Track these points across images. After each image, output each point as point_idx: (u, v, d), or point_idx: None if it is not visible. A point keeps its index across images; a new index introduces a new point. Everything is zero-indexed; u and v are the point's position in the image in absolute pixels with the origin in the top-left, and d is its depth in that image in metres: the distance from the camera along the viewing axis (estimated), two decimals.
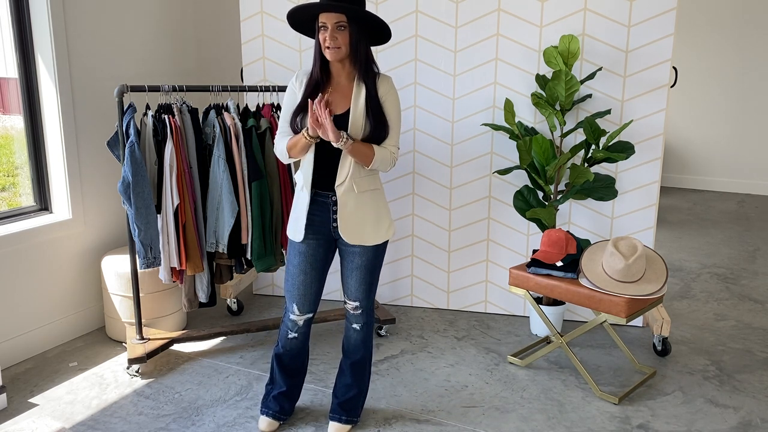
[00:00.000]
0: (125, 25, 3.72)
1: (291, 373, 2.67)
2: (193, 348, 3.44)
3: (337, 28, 2.22)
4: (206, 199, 3.11)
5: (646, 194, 3.56)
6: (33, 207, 3.45)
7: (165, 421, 2.75)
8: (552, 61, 3.32)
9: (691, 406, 2.90)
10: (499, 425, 2.73)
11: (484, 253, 3.84)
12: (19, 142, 3.44)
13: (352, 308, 2.55)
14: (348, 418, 2.64)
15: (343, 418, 2.64)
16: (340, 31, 2.22)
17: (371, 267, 2.50)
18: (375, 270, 2.52)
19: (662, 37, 3.37)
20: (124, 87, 2.92)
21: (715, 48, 7.42)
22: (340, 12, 2.20)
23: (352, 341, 2.61)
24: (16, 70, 3.31)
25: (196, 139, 3.09)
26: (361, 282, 2.50)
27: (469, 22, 3.57)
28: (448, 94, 3.68)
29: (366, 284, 2.51)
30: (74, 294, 3.54)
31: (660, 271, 2.93)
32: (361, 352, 2.61)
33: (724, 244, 5.48)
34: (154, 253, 3.01)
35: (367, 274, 2.50)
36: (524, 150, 3.32)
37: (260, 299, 4.15)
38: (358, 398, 2.66)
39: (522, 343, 3.54)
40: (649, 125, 3.48)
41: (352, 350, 2.61)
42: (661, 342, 3.34)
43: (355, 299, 2.53)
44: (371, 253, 2.47)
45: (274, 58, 3.86)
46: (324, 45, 2.25)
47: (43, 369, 3.21)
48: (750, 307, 4.07)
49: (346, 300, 2.56)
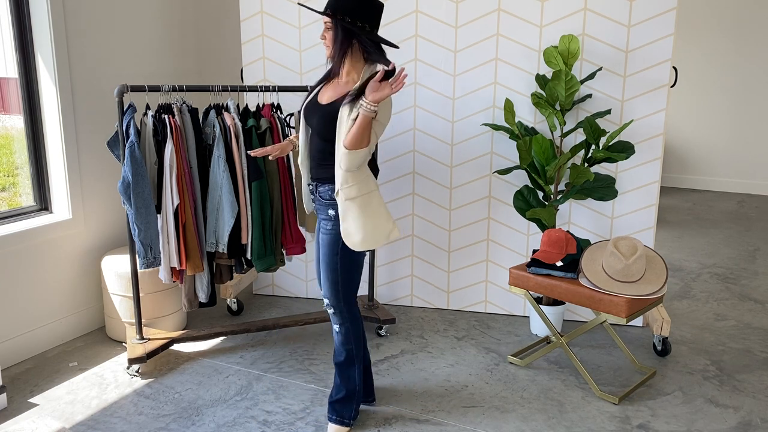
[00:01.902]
0: (125, 25, 3.73)
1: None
2: (193, 348, 3.44)
3: (327, 29, 2.40)
4: (206, 199, 3.11)
5: (646, 194, 3.56)
6: (33, 207, 3.45)
7: (165, 421, 2.75)
8: (552, 61, 3.32)
9: (691, 406, 2.90)
10: (499, 425, 2.73)
11: (484, 253, 3.84)
12: (19, 142, 3.44)
13: (325, 306, 2.59)
14: (338, 419, 2.66)
15: (333, 417, 2.67)
16: (327, 30, 2.41)
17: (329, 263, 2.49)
18: (335, 268, 2.48)
19: (662, 37, 3.37)
20: (124, 87, 2.92)
21: (715, 48, 7.42)
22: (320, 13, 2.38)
23: (336, 343, 2.64)
24: (16, 70, 3.31)
25: (196, 139, 3.09)
26: (324, 278, 2.54)
27: (469, 22, 3.57)
28: (448, 94, 3.68)
29: (329, 281, 2.51)
30: (74, 294, 3.54)
31: (660, 271, 2.93)
32: (342, 354, 2.62)
33: (724, 244, 5.48)
34: (154, 253, 3.01)
35: (326, 270, 2.51)
36: (524, 150, 3.32)
37: (260, 299, 4.15)
38: (348, 401, 2.66)
39: (522, 343, 3.54)
40: (649, 125, 3.48)
41: (336, 353, 2.65)
42: (661, 342, 3.35)
43: (324, 295, 2.57)
44: (328, 249, 2.48)
45: (274, 58, 3.86)
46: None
47: (43, 369, 3.21)
48: (750, 307, 4.07)
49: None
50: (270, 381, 3.09)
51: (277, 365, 3.25)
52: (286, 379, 3.11)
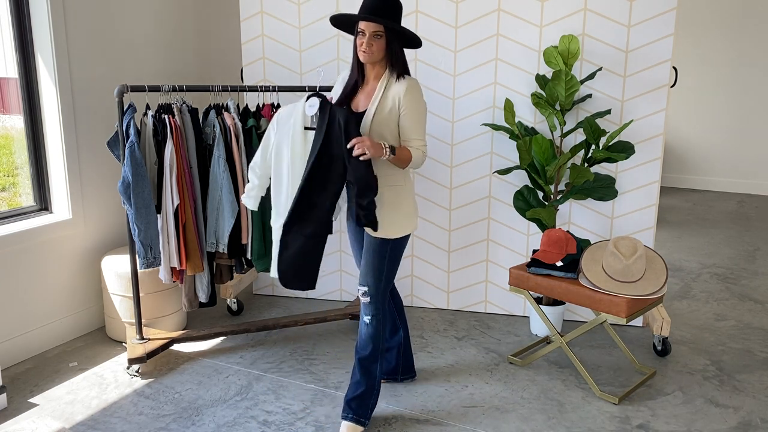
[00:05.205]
0: (125, 25, 3.73)
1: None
2: (193, 348, 3.44)
3: (373, 36, 2.41)
4: (206, 199, 3.11)
5: (646, 194, 3.56)
6: (33, 207, 3.45)
7: (165, 421, 2.75)
8: (552, 61, 3.32)
9: (691, 406, 2.90)
10: (499, 425, 2.73)
11: (484, 253, 3.84)
12: (19, 142, 3.44)
13: (361, 294, 2.59)
14: (355, 417, 2.63)
15: (350, 416, 2.63)
16: (376, 39, 2.42)
17: (379, 252, 2.54)
18: (383, 257, 2.55)
19: (662, 37, 3.37)
20: (124, 87, 2.92)
21: (714, 48, 7.42)
22: (379, 24, 2.40)
23: (363, 336, 2.62)
24: (16, 70, 3.31)
25: (196, 139, 3.09)
26: (368, 266, 2.56)
27: (469, 22, 3.57)
28: (448, 94, 3.68)
29: (373, 269, 2.55)
30: (74, 294, 3.54)
31: (660, 271, 2.93)
32: (369, 348, 2.61)
33: (724, 244, 5.48)
34: (154, 253, 3.01)
35: (374, 258, 2.54)
36: (524, 150, 3.32)
37: (260, 299, 4.15)
38: (367, 397, 2.64)
39: (522, 343, 3.54)
40: (649, 125, 3.48)
41: (361, 345, 2.63)
42: (661, 342, 3.35)
43: (363, 283, 2.57)
44: (379, 238, 2.54)
45: (274, 58, 3.86)
46: (360, 49, 2.45)
47: (43, 369, 3.21)
48: (750, 307, 4.07)
49: (358, 285, 2.64)
50: (270, 381, 3.10)
51: (277, 365, 3.25)
52: (286, 379, 3.11)
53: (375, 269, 2.55)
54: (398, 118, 2.48)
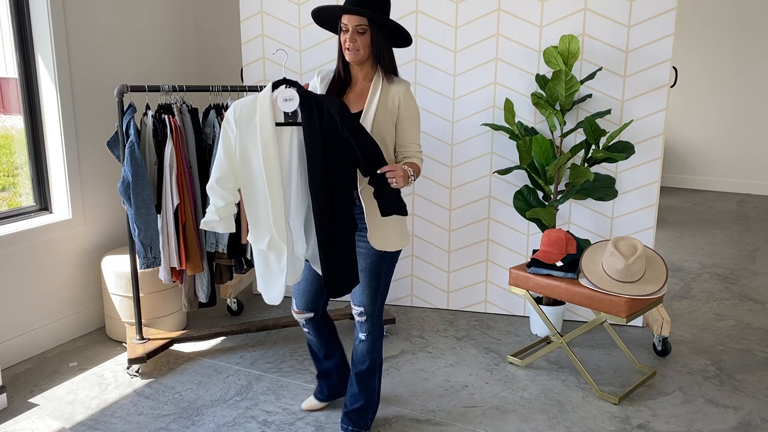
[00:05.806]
0: (125, 25, 3.73)
1: (316, 358, 2.78)
2: (193, 348, 3.44)
3: (356, 31, 2.24)
4: (206, 199, 3.11)
5: (646, 194, 3.56)
6: (33, 207, 3.45)
7: (165, 421, 2.75)
8: (552, 61, 3.32)
9: (691, 406, 2.90)
10: (499, 425, 2.73)
11: (484, 253, 3.84)
12: (19, 142, 3.44)
13: (357, 314, 2.49)
14: (354, 429, 2.61)
15: (349, 428, 2.61)
16: (359, 34, 2.24)
17: (375, 271, 2.42)
18: (379, 276, 2.44)
19: (662, 37, 3.37)
20: (124, 87, 2.92)
21: (715, 48, 7.42)
22: (362, 16, 2.22)
23: (359, 351, 2.55)
24: (16, 70, 3.31)
25: (196, 139, 3.09)
26: (365, 287, 2.44)
27: (469, 22, 3.57)
28: (448, 94, 3.68)
29: (370, 290, 2.44)
30: (74, 294, 3.54)
31: (660, 271, 2.93)
32: (366, 362, 2.55)
33: (724, 244, 5.48)
34: (154, 253, 3.01)
35: (371, 279, 2.43)
36: (524, 150, 3.32)
37: (260, 299, 4.15)
38: (365, 410, 2.61)
39: (522, 343, 3.54)
40: (649, 125, 3.48)
41: (357, 360, 2.57)
42: (661, 342, 3.34)
43: (359, 304, 2.47)
44: (376, 257, 2.40)
45: (274, 57, 3.86)
46: (344, 46, 2.28)
47: (43, 369, 3.22)
48: (750, 307, 4.07)
49: (351, 305, 2.53)
50: (270, 381, 3.10)
51: (277, 365, 3.25)
52: (286, 379, 3.11)
53: (371, 289, 2.45)
54: (396, 119, 2.35)
